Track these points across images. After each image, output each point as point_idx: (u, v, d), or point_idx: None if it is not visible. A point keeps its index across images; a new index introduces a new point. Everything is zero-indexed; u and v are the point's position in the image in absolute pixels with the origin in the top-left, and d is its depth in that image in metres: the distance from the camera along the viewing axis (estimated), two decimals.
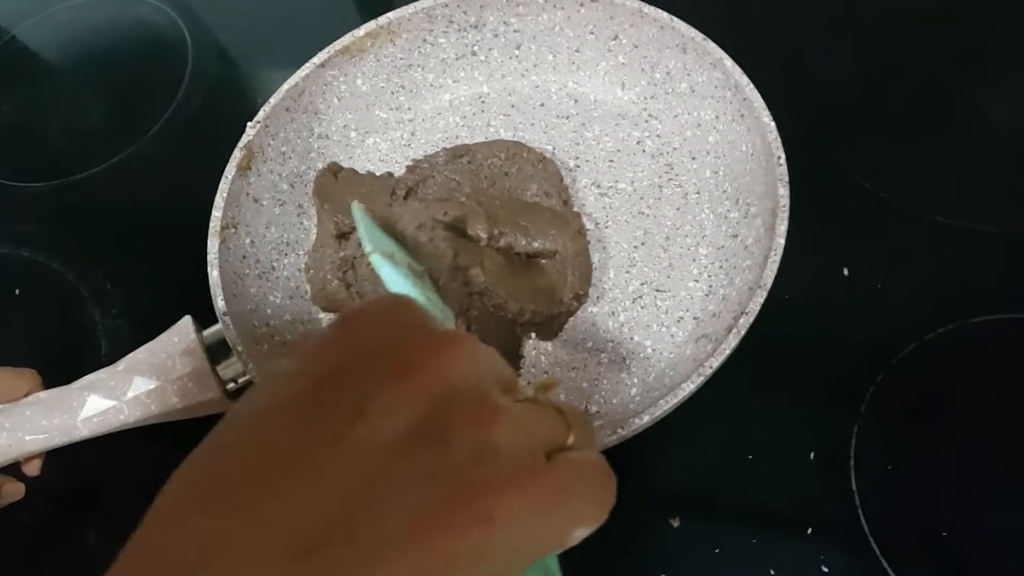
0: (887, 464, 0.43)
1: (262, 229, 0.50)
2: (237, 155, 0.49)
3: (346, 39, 0.52)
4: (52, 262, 0.57)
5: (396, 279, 0.35)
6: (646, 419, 0.37)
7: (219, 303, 0.44)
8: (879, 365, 0.46)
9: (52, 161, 0.63)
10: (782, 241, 0.41)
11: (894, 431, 0.44)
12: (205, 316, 0.45)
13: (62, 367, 0.45)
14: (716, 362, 0.38)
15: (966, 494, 0.42)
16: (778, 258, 0.40)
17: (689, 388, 0.38)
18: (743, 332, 0.39)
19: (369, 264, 0.42)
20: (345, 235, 0.50)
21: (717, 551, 0.42)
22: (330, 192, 0.51)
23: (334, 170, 0.53)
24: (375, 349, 0.21)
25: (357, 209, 0.40)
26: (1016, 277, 0.48)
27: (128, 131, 0.63)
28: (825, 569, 0.41)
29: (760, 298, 0.39)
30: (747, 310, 0.39)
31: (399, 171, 0.53)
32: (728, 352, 0.38)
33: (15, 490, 0.43)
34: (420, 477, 0.18)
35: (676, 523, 0.43)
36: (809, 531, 0.42)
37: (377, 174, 0.53)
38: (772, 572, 0.41)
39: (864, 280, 0.49)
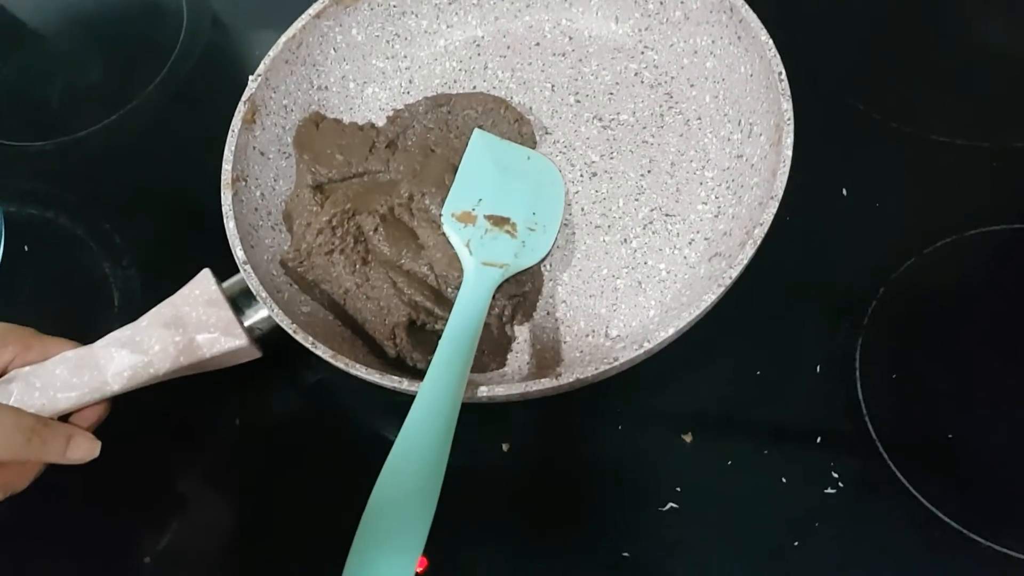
0: (891, 373, 0.45)
1: (271, 182, 0.50)
2: (241, 108, 0.49)
3: None
4: (59, 218, 0.57)
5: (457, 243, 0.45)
6: (671, 331, 0.38)
7: (238, 253, 0.44)
8: (880, 279, 0.47)
9: (51, 121, 0.63)
10: (789, 153, 0.41)
11: (897, 341, 0.46)
12: (216, 267, 0.45)
13: (76, 320, 0.45)
14: (735, 272, 0.39)
15: (968, 398, 0.44)
16: (787, 169, 0.41)
17: (710, 300, 0.39)
18: (759, 242, 0.40)
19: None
20: (321, 187, 0.50)
21: (729, 463, 0.43)
22: (310, 142, 0.51)
23: (315, 120, 0.53)
24: None
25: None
26: (1009, 189, 0.50)
27: (126, 88, 0.63)
28: (835, 475, 0.42)
29: (772, 208, 0.40)
30: (761, 221, 0.40)
31: None
32: (745, 263, 0.39)
33: (89, 448, 0.41)
34: None
35: (688, 439, 0.44)
36: (818, 440, 0.43)
37: (379, 124, 0.54)
38: (783, 480, 0.43)
39: (862, 199, 0.50)
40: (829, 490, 0.42)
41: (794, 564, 0.41)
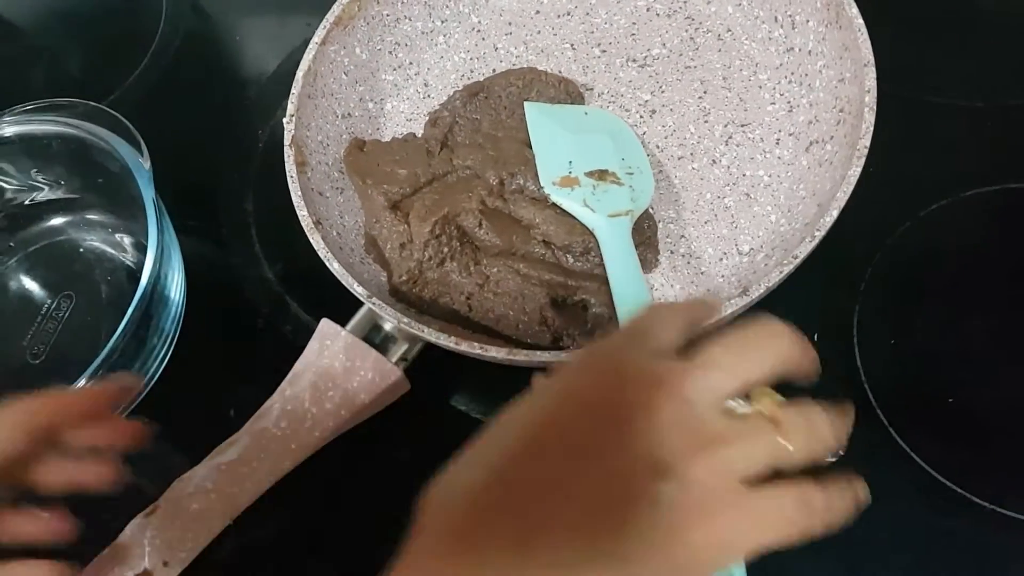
0: (890, 339, 0.44)
1: (338, 219, 0.48)
2: (289, 152, 0.46)
3: (336, 9, 0.50)
4: None
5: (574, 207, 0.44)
6: (835, 214, 0.39)
7: (358, 289, 0.42)
8: (876, 244, 0.47)
9: None
10: (860, 21, 0.42)
11: (895, 307, 0.45)
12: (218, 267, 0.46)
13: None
14: (867, 141, 0.40)
15: (968, 361, 0.44)
16: (866, 36, 0.42)
17: (854, 171, 0.39)
18: (874, 106, 0.40)
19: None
20: (396, 205, 0.48)
21: None
22: (364, 167, 0.49)
23: (358, 145, 0.51)
24: (601, 400, 0.26)
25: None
26: (1004, 148, 0.49)
27: (107, 80, 0.62)
28: None
29: (872, 73, 0.41)
30: (867, 88, 0.41)
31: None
32: (870, 130, 0.40)
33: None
34: (653, 502, 0.24)
35: None
36: None
37: (401, 137, 0.52)
38: None
39: None
40: (829, 458, 0.43)
41: None
